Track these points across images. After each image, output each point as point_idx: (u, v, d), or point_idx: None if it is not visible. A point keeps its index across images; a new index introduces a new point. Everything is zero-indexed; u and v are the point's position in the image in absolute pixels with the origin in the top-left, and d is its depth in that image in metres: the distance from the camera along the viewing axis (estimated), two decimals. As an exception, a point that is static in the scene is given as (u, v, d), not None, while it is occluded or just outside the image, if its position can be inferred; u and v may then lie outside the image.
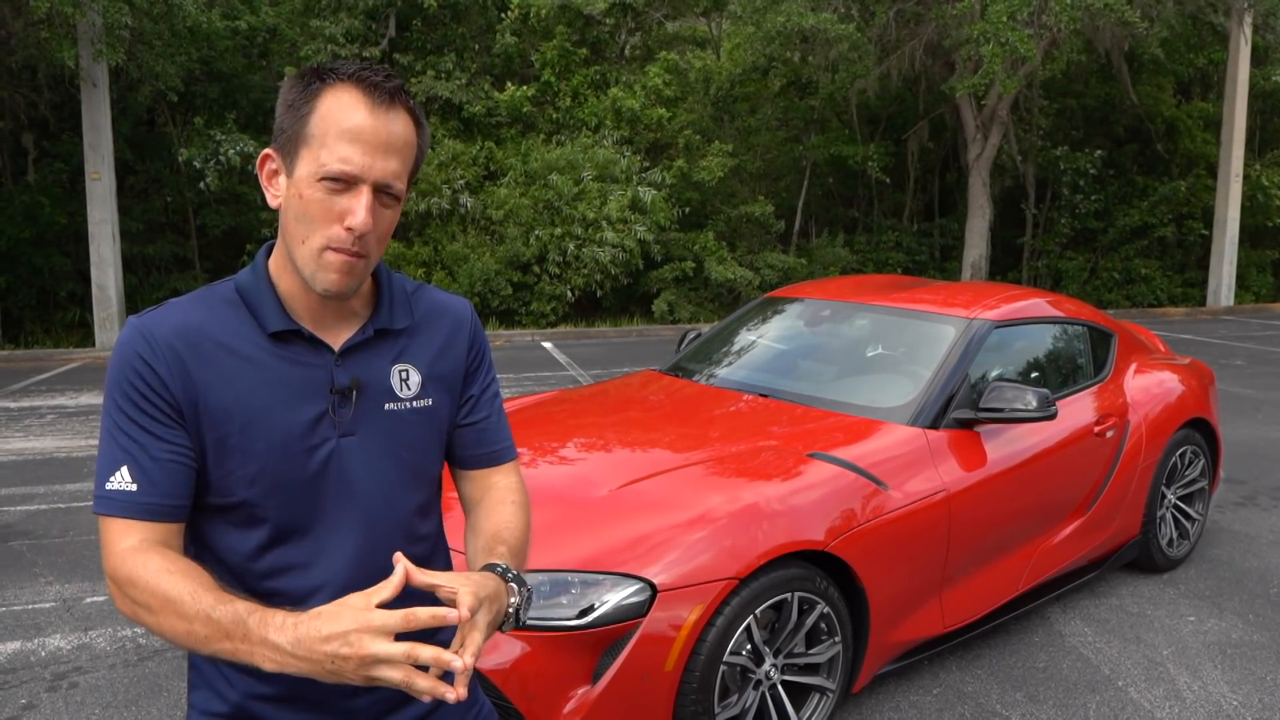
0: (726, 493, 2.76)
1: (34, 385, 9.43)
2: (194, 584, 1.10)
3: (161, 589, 1.10)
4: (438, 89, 14.45)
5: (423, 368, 1.33)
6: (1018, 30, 12.07)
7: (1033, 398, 3.25)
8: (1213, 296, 16.69)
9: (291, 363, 1.23)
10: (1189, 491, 4.38)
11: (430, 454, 1.34)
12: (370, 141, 1.15)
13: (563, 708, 2.40)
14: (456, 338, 1.38)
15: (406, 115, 1.20)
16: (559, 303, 13.82)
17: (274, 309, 1.24)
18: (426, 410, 1.32)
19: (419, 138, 1.23)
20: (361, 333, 1.28)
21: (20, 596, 4.05)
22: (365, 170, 1.15)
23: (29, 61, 12.23)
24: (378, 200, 1.18)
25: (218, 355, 1.20)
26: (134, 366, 1.18)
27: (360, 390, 1.26)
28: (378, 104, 1.16)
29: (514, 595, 1.20)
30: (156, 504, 1.17)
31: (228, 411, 1.19)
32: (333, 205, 1.16)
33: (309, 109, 1.17)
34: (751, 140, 16.86)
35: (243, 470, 1.20)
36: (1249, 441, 6.67)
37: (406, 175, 1.21)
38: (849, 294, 4.23)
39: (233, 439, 1.19)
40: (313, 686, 1.26)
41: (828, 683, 2.84)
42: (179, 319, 1.21)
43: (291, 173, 1.18)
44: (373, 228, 1.18)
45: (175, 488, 1.18)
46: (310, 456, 1.22)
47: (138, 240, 13.69)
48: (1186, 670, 3.38)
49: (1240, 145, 16.13)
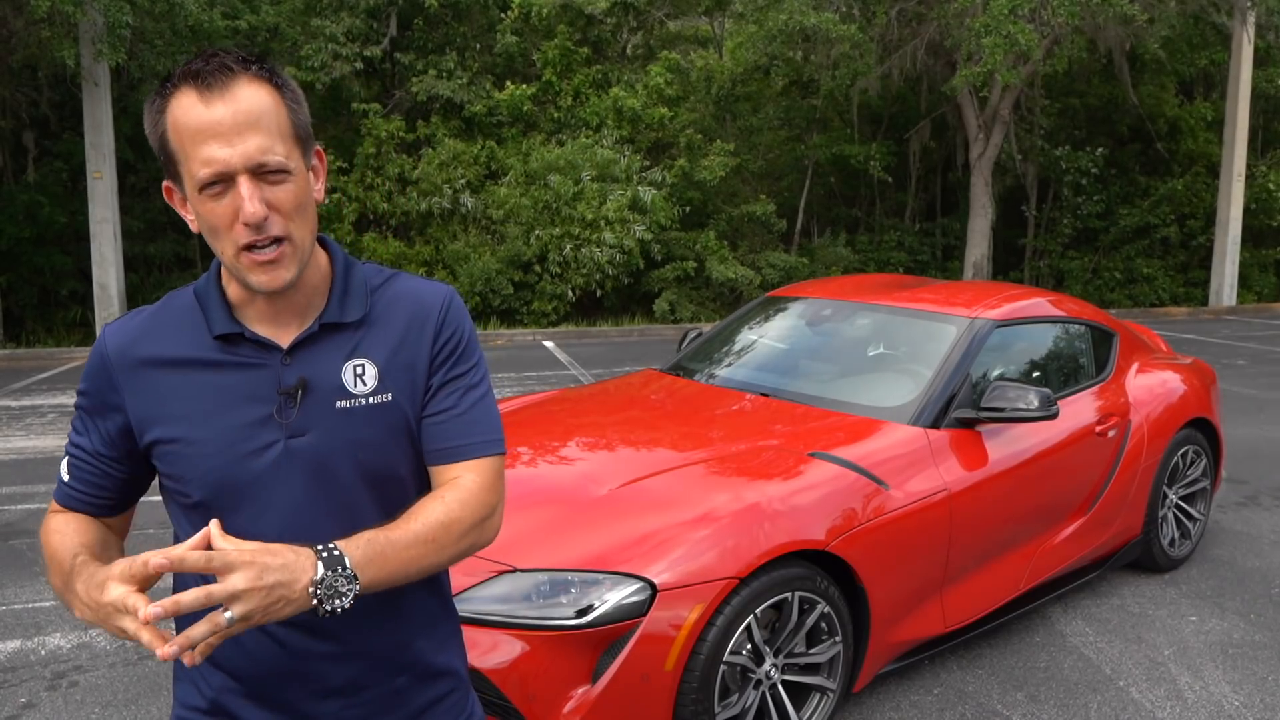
0: (727, 492, 2.75)
1: (36, 384, 9.43)
2: (76, 540, 1.23)
3: (51, 546, 1.24)
4: (439, 88, 14.45)
5: (381, 361, 1.26)
6: (1018, 23, 12.07)
7: (1034, 397, 3.25)
8: (1215, 296, 16.66)
9: (238, 365, 1.23)
10: (1191, 491, 4.37)
11: (393, 452, 1.26)
12: (218, 132, 1.10)
13: (563, 707, 2.39)
14: (420, 327, 1.28)
15: (251, 84, 1.13)
16: (560, 302, 13.82)
17: (220, 313, 1.24)
18: (385, 406, 1.25)
19: (282, 97, 1.16)
20: (307, 329, 1.24)
21: (20, 595, 4.05)
22: (228, 162, 1.11)
23: (30, 60, 12.23)
24: (262, 181, 1.13)
25: (164, 366, 1.24)
26: (90, 374, 1.26)
27: (306, 389, 1.22)
28: (211, 91, 1.11)
29: (315, 573, 1.07)
30: (76, 496, 1.29)
31: (174, 418, 1.22)
32: (224, 210, 1.14)
33: (162, 129, 1.14)
34: (754, 140, 16.84)
35: (192, 473, 1.22)
36: (1251, 441, 6.66)
37: (283, 141, 1.14)
38: (850, 293, 4.22)
39: (180, 444, 1.22)
40: (277, 686, 1.27)
41: (828, 682, 2.83)
42: (131, 330, 1.26)
43: (186, 195, 1.17)
44: (271, 210, 1.14)
45: (95, 490, 1.29)
46: (258, 458, 1.22)
47: (139, 239, 13.70)
48: (1188, 670, 3.37)
49: (1243, 145, 16.10)
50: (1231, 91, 16.14)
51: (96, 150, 11.89)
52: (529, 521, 2.69)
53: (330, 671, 1.27)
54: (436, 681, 1.37)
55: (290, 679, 1.26)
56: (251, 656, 1.25)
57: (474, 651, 2.39)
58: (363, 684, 1.30)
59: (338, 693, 1.28)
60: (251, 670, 1.26)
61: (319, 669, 1.27)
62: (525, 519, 2.69)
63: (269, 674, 1.26)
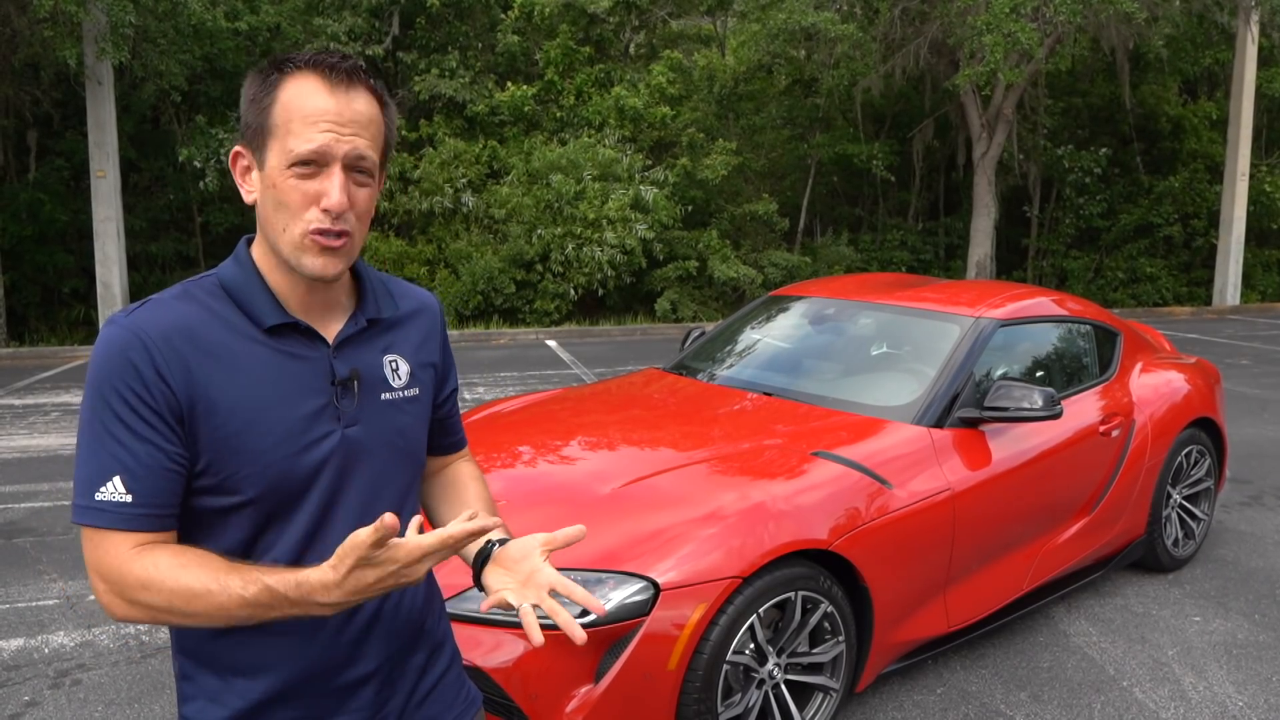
0: (730, 491, 2.75)
1: (39, 383, 9.44)
2: (213, 570, 1.10)
3: (183, 584, 1.09)
4: (441, 87, 14.45)
5: (409, 358, 1.36)
6: (1020, 21, 12.06)
7: (1038, 396, 3.24)
8: (1218, 296, 16.64)
9: (289, 356, 1.22)
10: (1194, 491, 4.36)
11: (419, 440, 1.37)
12: (334, 120, 1.16)
13: (565, 706, 2.39)
14: (432, 330, 1.42)
15: (368, 93, 1.20)
16: (562, 301, 13.82)
17: (268, 303, 1.22)
18: (414, 399, 1.35)
19: (384, 115, 1.23)
20: (354, 323, 1.28)
21: (24, 593, 4.05)
22: (332, 148, 1.15)
23: (33, 59, 12.24)
24: (350, 178, 1.18)
25: (217, 352, 1.17)
26: (129, 368, 1.13)
27: (360, 381, 1.27)
28: (336, 84, 1.17)
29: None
30: (155, 515, 1.14)
31: (230, 410, 1.16)
32: (307, 190, 1.16)
33: (270, 100, 1.17)
34: (756, 139, 16.83)
35: (248, 468, 1.17)
36: (1255, 441, 6.65)
37: (377, 151, 1.21)
38: (853, 292, 4.21)
39: (236, 438, 1.16)
40: (319, 679, 1.26)
41: (831, 682, 2.83)
42: (174, 316, 1.17)
43: (263, 166, 1.18)
44: (350, 206, 1.18)
45: (171, 497, 1.15)
46: (314, 449, 1.22)
47: (141, 238, 13.72)
48: (1192, 670, 3.36)
49: (1247, 145, 16.07)
50: (1235, 91, 16.11)
51: (100, 149, 11.91)
52: (531, 521, 2.69)
53: (367, 654, 1.28)
54: (442, 652, 1.42)
55: (330, 670, 1.26)
56: (291, 653, 1.23)
57: (477, 650, 2.38)
58: (394, 665, 1.32)
59: (372, 677, 1.29)
60: (290, 667, 1.24)
61: (357, 653, 1.27)
62: (527, 518, 2.69)
63: (309, 667, 1.24)
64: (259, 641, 1.22)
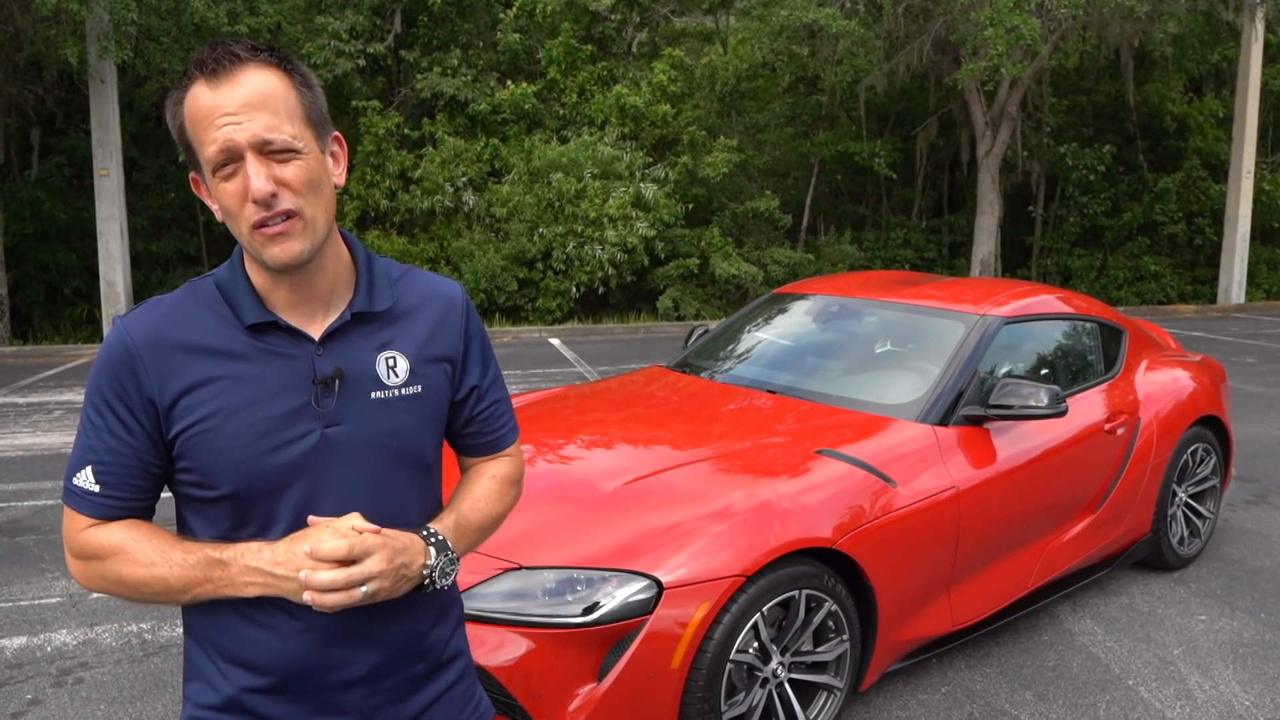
0: (734, 490, 2.74)
1: (42, 381, 9.45)
2: (158, 542, 1.21)
3: (128, 551, 1.20)
4: (443, 86, 14.44)
5: (411, 354, 1.31)
6: (1022, 15, 12.03)
7: (1043, 394, 3.22)
8: (1223, 294, 16.59)
9: (271, 355, 1.23)
10: (1200, 489, 4.34)
11: (423, 441, 1.33)
12: (225, 113, 1.14)
13: (568, 705, 2.38)
14: (448, 321, 1.36)
15: (257, 69, 1.16)
16: (564, 299, 13.80)
17: (250, 302, 1.24)
18: (416, 397, 1.31)
19: (289, 81, 1.19)
20: (340, 318, 1.27)
21: (26, 592, 4.05)
22: (234, 139, 1.14)
23: (36, 58, 12.25)
24: (270, 160, 1.16)
25: (202, 352, 1.21)
26: (112, 367, 1.21)
27: (343, 379, 1.25)
28: (216, 77, 1.15)
29: (429, 558, 1.25)
30: (119, 505, 1.23)
31: (207, 409, 1.20)
32: (236, 189, 1.16)
33: (180, 121, 1.19)
34: (759, 137, 16.80)
35: (220, 465, 1.20)
36: (1261, 439, 6.62)
37: (290, 121, 1.17)
38: (857, 290, 4.20)
39: (209, 435, 1.20)
40: (301, 678, 1.26)
41: (835, 681, 2.81)
42: (157, 319, 1.23)
43: (205, 181, 1.21)
44: (280, 187, 1.16)
45: (137, 491, 1.24)
46: (289, 448, 1.22)
47: (144, 236, 13.73)
48: (1198, 670, 3.35)
49: (1252, 142, 16.01)
50: (1241, 88, 16.06)
51: (103, 147, 11.91)
52: (535, 519, 2.68)
53: (354, 660, 1.28)
54: (450, 667, 1.40)
55: (315, 670, 1.26)
56: (278, 650, 1.25)
57: (480, 649, 2.38)
58: (384, 672, 1.31)
59: (359, 682, 1.29)
60: (277, 663, 1.25)
61: (344, 657, 1.27)
62: (531, 516, 2.68)
63: (295, 666, 1.25)
64: (249, 635, 1.25)
